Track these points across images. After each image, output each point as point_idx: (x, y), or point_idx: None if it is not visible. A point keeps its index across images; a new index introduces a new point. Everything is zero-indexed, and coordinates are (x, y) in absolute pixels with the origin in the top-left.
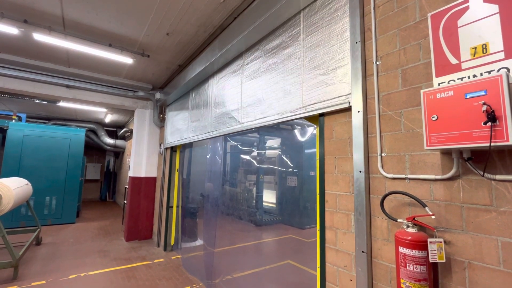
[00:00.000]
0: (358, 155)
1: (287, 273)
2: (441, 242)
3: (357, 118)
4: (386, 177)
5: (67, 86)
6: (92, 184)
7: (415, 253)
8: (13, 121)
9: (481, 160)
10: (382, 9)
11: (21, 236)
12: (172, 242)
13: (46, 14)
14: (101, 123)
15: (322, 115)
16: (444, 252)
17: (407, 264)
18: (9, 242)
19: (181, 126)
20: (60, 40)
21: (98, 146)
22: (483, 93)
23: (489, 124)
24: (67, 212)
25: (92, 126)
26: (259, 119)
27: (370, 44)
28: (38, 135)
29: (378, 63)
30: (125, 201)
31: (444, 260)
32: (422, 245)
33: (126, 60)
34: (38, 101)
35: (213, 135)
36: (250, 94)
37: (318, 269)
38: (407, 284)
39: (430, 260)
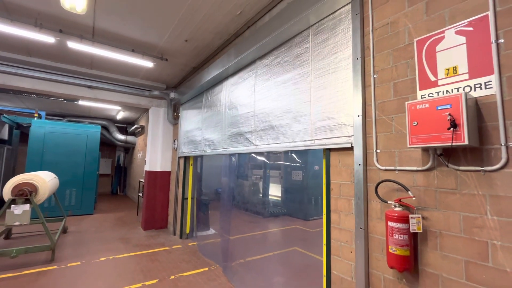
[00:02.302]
0: (358, 151)
1: (294, 258)
2: (419, 217)
3: (357, 121)
4: (380, 169)
5: (89, 87)
6: (103, 178)
7: (400, 225)
8: (35, 118)
9: (449, 155)
10: (379, 32)
11: (48, 225)
12: (188, 230)
13: (79, 25)
14: (112, 120)
15: (328, 149)
16: (422, 225)
17: (394, 234)
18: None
19: (194, 138)
20: (91, 47)
21: (109, 142)
22: (448, 106)
23: (451, 129)
24: (86, 204)
25: (104, 122)
26: (272, 144)
27: (369, 60)
28: (58, 132)
29: (375, 76)
30: (140, 194)
31: (421, 231)
32: (405, 220)
33: (147, 64)
34: (55, 99)
35: (227, 152)
36: (263, 119)
37: (324, 246)
38: (394, 249)
39: (411, 231)
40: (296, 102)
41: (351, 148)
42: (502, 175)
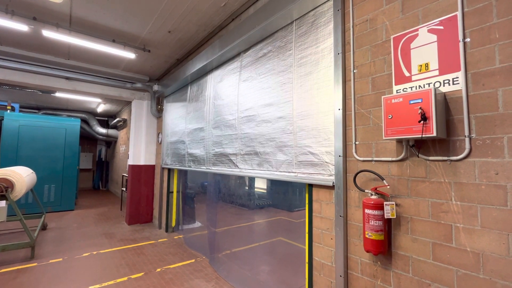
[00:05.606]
0: (338, 143)
1: (279, 247)
2: (393, 204)
3: (338, 114)
4: (358, 160)
5: (67, 78)
6: (84, 173)
7: (375, 212)
8: (8, 111)
9: (420, 146)
10: (358, 28)
11: (26, 222)
12: (173, 224)
13: (54, 12)
14: (92, 113)
15: (310, 185)
16: (395, 211)
17: (370, 220)
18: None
19: (179, 151)
20: (68, 37)
21: (89, 136)
22: (420, 100)
23: (422, 122)
24: (66, 199)
25: (83, 115)
26: (256, 170)
27: (349, 56)
28: (34, 125)
29: (355, 71)
30: (123, 188)
31: (395, 217)
32: (380, 207)
33: (129, 55)
34: (29, 91)
35: (212, 171)
36: (247, 144)
37: (307, 234)
38: (370, 234)
39: (385, 217)
40: (279, 131)
41: (332, 187)
42: (465, 164)
